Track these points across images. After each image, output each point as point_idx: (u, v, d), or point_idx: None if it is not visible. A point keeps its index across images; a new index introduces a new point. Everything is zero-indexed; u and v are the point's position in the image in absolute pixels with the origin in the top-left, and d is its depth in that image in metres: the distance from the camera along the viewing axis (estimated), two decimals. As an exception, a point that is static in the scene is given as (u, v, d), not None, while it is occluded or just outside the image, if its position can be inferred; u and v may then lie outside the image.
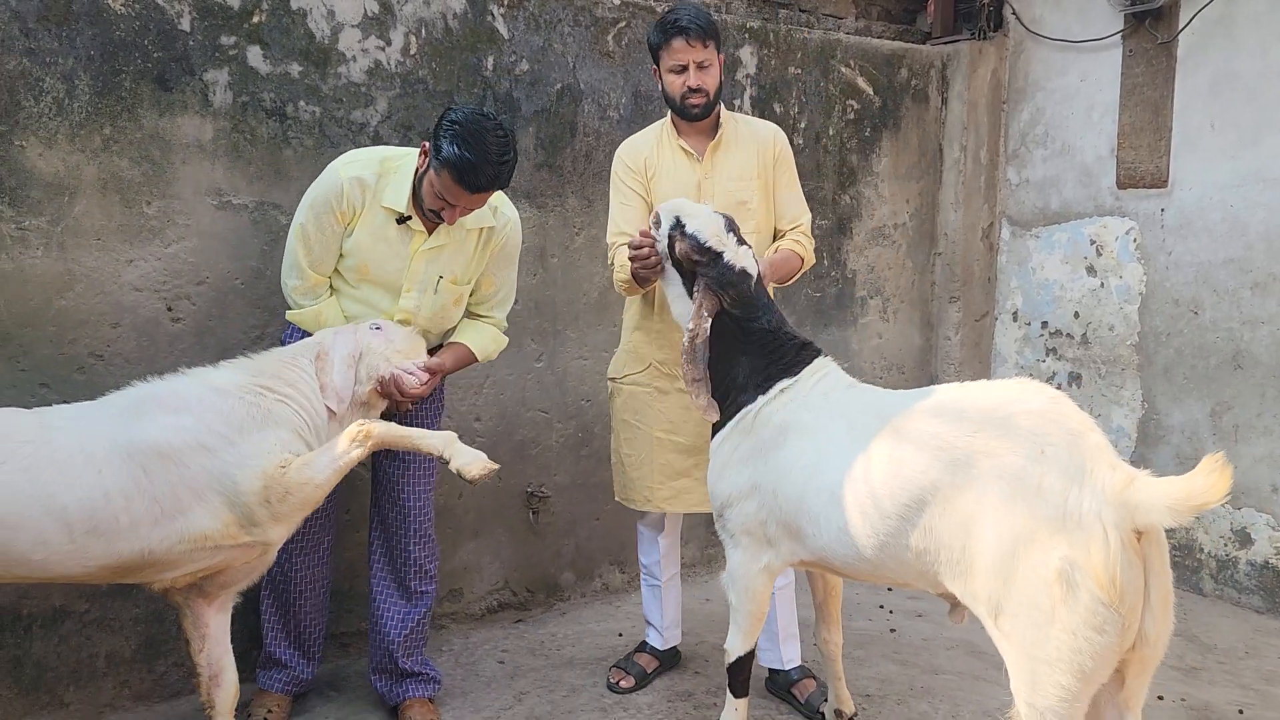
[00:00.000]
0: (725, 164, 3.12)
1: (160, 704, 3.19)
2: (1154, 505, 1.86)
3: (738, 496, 2.57)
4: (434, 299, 2.90)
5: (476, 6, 3.61)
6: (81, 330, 3.02)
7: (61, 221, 2.97)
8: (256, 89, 3.22)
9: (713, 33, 2.99)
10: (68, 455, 2.21)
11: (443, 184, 2.65)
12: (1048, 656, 1.99)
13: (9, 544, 2.16)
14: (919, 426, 2.21)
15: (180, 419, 2.33)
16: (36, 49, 2.89)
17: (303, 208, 2.84)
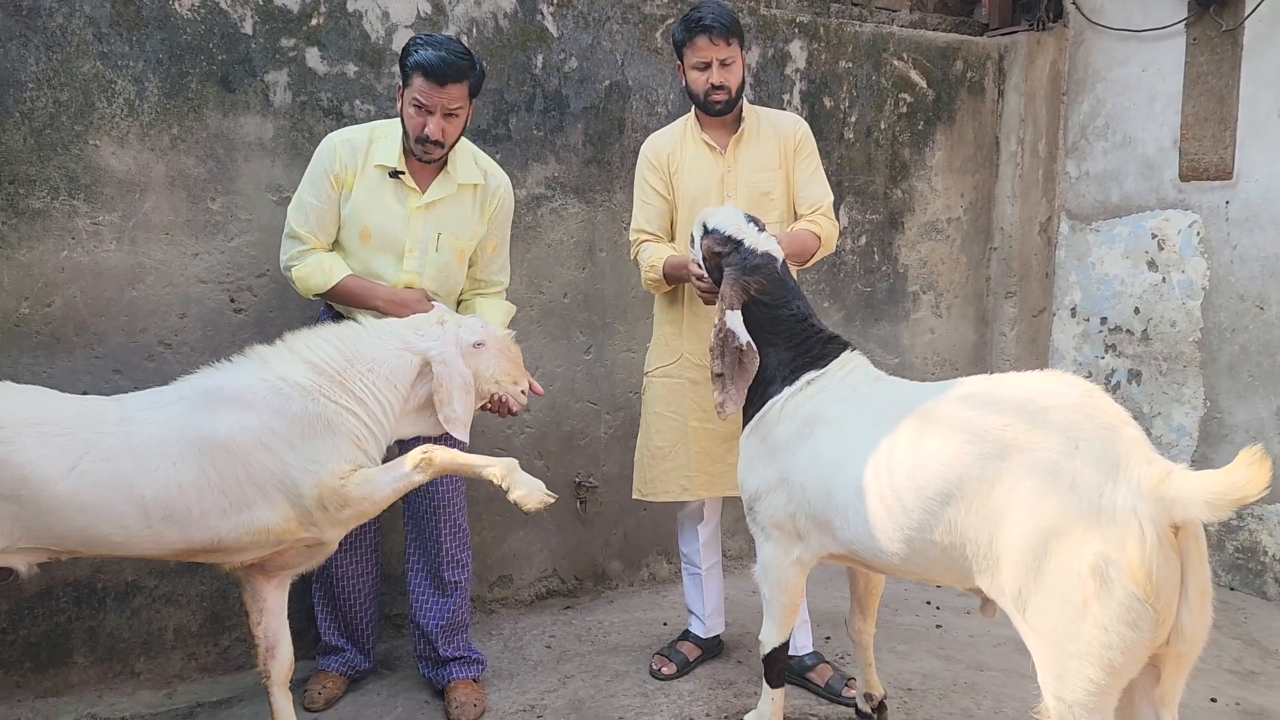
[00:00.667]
0: (747, 157, 3.18)
1: (224, 676, 3.35)
2: (1192, 500, 1.84)
3: (766, 489, 2.58)
4: (436, 257, 2.95)
5: (526, 6, 3.70)
6: (151, 320, 3.18)
7: (133, 217, 3.14)
8: (314, 89, 3.35)
9: (736, 30, 3.07)
10: (145, 447, 2.32)
11: (416, 90, 2.77)
12: (1078, 650, 1.97)
13: (92, 528, 2.31)
14: (947, 420, 2.20)
15: (245, 417, 2.39)
16: (109, 53, 3.06)
17: (298, 191, 2.93)
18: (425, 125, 2.80)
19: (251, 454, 2.38)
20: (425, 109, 2.80)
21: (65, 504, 2.24)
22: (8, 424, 2.22)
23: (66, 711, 3.09)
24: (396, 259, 2.93)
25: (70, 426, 2.27)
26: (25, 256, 3.01)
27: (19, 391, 2.37)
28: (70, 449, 2.24)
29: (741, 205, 3.09)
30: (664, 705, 3.18)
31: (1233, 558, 4.25)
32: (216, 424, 2.37)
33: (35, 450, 2.21)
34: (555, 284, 3.87)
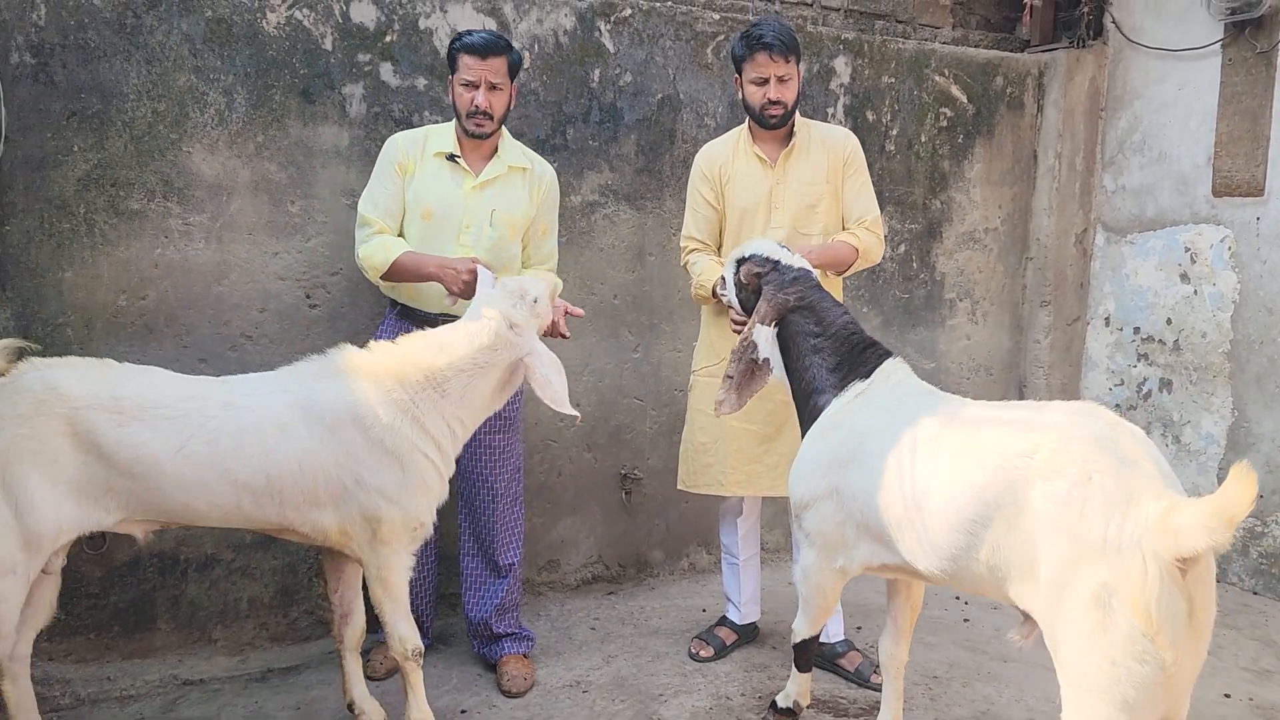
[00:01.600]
0: (797, 170, 3.31)
1: (293, 646, 3.60)
2: (1192, 527, 1.82)
3: (815, 499, 2.60)
4: (490, 233, 3.19)
5: (585, 23, 3.92)
6: (234, 313, 3.45)
7: (220, 218, 3.40)
8: (387, 100, 3.60)
9: (794, 48, 3.20)
10: (243, 433, 2.55)
11: (462, 70, 3.10)
12: (1090, 685, 1.99)
13: (191, 504, 2.57)
14: (984, 444, 2.25)
15: (332, 434, 2.61)
16: (203, 67, 3.32)
17: (370, 181, 3.21)
18: (474, 98, 3.10)
19: (329, 467, 2.60)
20: (472, 84, 3.10)
21: (171, 481, 2.50)
22: (127, 408, 2.47)
23: (151, 672, 3.36)
24: (455, 235, 3.18)
25: (180, 410, 2.51)
26: (124, 254, 3.28)
27: (137, 374, 2.60)
28: (178, 432, 2.49)
29: (788, 218, 3.30)
30: (701, 684, 3.38)
31: (1256, 562, 4.37)
32: (306, 432, 2.59)
33: (148, 433, 2.47)
34: (606, 286, 4.09)
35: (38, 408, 2.43)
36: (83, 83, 3.18)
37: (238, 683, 3.34)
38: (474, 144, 3.21)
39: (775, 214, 3.32)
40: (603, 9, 3.94)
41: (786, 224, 3.31)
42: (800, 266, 2.84)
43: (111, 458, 2.45)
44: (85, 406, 2.45)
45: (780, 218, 3.32)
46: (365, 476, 2.62)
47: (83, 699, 3.17)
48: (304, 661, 3.49)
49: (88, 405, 2.45)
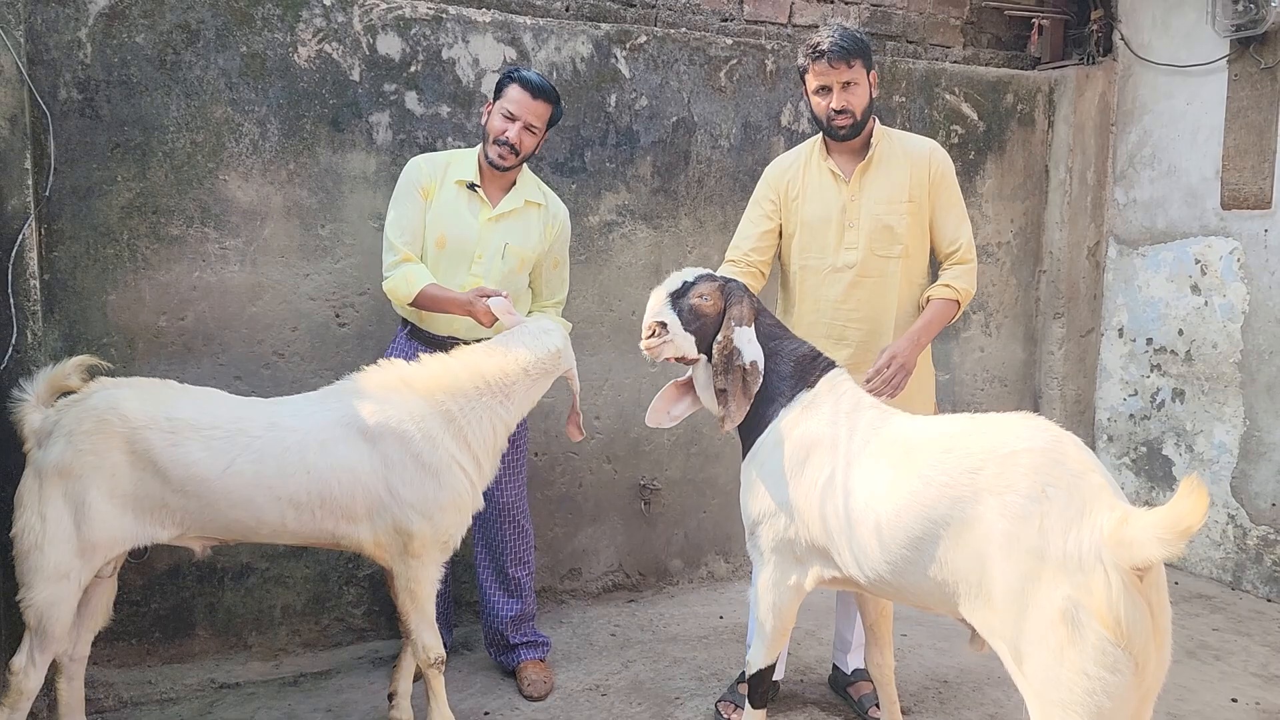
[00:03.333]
0: (874, 186, 3.07)
1: (324, 652, 3.75)
2: (1146, 539, 1.86)
3: (768, 514, 2.59)
4: (501, 264, 3.28)
5: (602, 50, 4.06)
6: (268, 333, 3.61)
7: (254, 242, 3.57)
8: (412, 128, 3.76)
9: (858, 51, 2.96)
10: (287, 453, 2.70)
11: (509, 98, 3.18)
12: (1061, 699, 1.99)
13: (241, 519, 2.72)
14: (927, 460, 2.25)
15: (370, 447, 2.75)
16: (238, 99, 3.50)
17: (389, 208, 3.26)
18: (507, 130, 3.18)
19: (368, 483, 2.75)
20: (512, 117, 3.18)
21: (221, 498, 2.66)
22: (180, 428, 2.64)
23: (190, 676, 3.51)
24: (466, 264, 3.26)
25: (229, 430, 2.68)
26: (164, 277, 3.46)
27: (193, 395, 2.78)
28: (226, 450, 2.65)
29: (863, 238, 3.06)
30: (716, 689, 3.49)
31: (1270, 570, 4.41)
32: (345, 450, 2.73)
33: (200, 451, 2.63)
34: (624, 303, 4.22)
35: (99, 425, 2.59)
36: (126, 116, 3.36)
37: (272, 686, 3.48)
38: (494, 174, 3.29)
39: (849, 233, 3.08)
40: (619, 36, 4.09)
41: (861, 245, 3.06)
42: (739, 282, 2.78)
43: (166, 475, 2.62)
44: (142, 426, 2.61)
45: (854, 238, 3.07)
46: (400, 490, 2.76)
47: (125, 701, 3.33)
48: (335, 667, 3.63)
49: (144, 425, 2.61)
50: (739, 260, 3.20)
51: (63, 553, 2.56)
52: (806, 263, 3.16)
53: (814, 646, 3.85)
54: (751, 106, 4.36)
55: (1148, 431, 4.96)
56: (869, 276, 3.08)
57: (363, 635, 3.85)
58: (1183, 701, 3.44)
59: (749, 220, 3.25)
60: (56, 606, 2.58)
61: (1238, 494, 4.54)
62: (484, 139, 3.26)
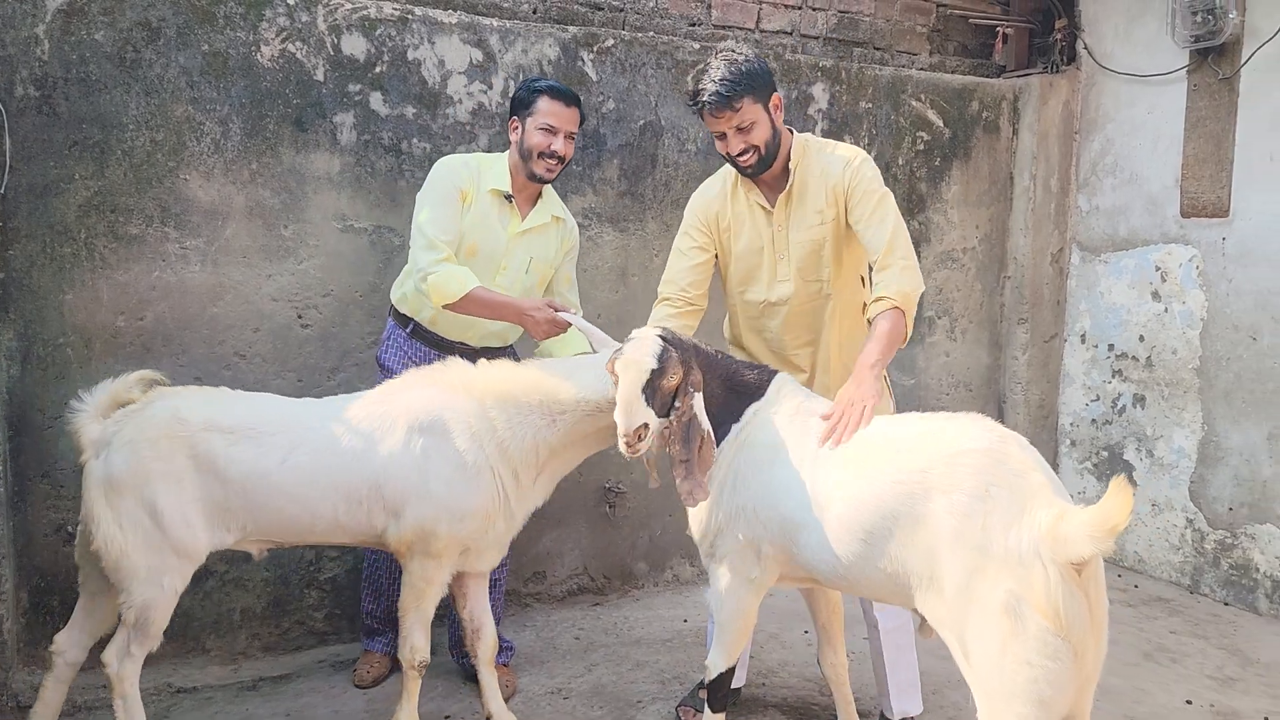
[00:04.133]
0: (798, 214, 2.98)
1: (284, 655, 3.71)
2: (1077, 537, 1.96)
3: (728, 521, 2.60)
4: (524, 278, 3.30)
5: (569, 53, 4.06)
6: (229, 333, 3.58)
7: (215, 242, 3.54)
8: (377, 129, 3.74)
9: (742, 89, 2.78)
10: (339, 443, 2.75)
11: (543, 111, 3.18)
12: (1004, 689, 2.07)
13: (298, 516, 2.76)
14: (881, 456, 2.34)
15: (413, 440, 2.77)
16: (199, 98, 3.47)
17: (421, 206, 3.13)
18: (552, 143, 3.19)
19: (408, 471, 2.77)
20: (552, 129, 3.19)
21: (279, 495, 2.71)
22: (237, 428, 2.71)
23: (145, 681, 3.39)
24: (490, 276, 3.24)
25: (283, 426, 2.74)
26: (123, 277, 3.42)
27: (246, 399, 2.86)
28: (281, 446, 2.71)
29: (793, 268, 2.98)
30: (678, 692, 3.49)
31: (1227, 574, 4.47)
32: (391, 439, 2.78)
33: (256, 449, 2.69)
34: (591, 305, 4.21)
35: (164, 432, 2.66)
36: (84, 114, 3.32)
37: (230, 691, 3.45)
38: (524, 185, 3.27)
39: (780, 266, 3.01)
40: (586, 39, 4.09)
41: (792, 275, 2.99)
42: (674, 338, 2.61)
43: (225, 476, 2.68)
44: (202, 429, 2.68)
45: (786, 269, 3.00)
46: (433, 485, 2.78)
47: (79, 705, 3.28)
48: (294, 671, 3.60)
49: (204, 428, 2.68)
50: (674, 298, 3.07)
51: (153, 556, 2.64)
52: (745, 296, 3.10)
53: (776, 650, 3.86)
54: (718, 111, 4.37)
55: (1109, 436, 5.01)
56: (806, 304, 3.03)
57: (324, 639, 3.82)
58: (1139, 704, 3.48)
59: (679, 253, 3.11)
60: (154, 607, 2.69)
61: (1196, 498, 4.60)
62: (524, 156, 3.22)
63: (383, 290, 3.76)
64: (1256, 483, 4.35)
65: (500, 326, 3.33)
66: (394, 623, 3.54)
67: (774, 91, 2.89)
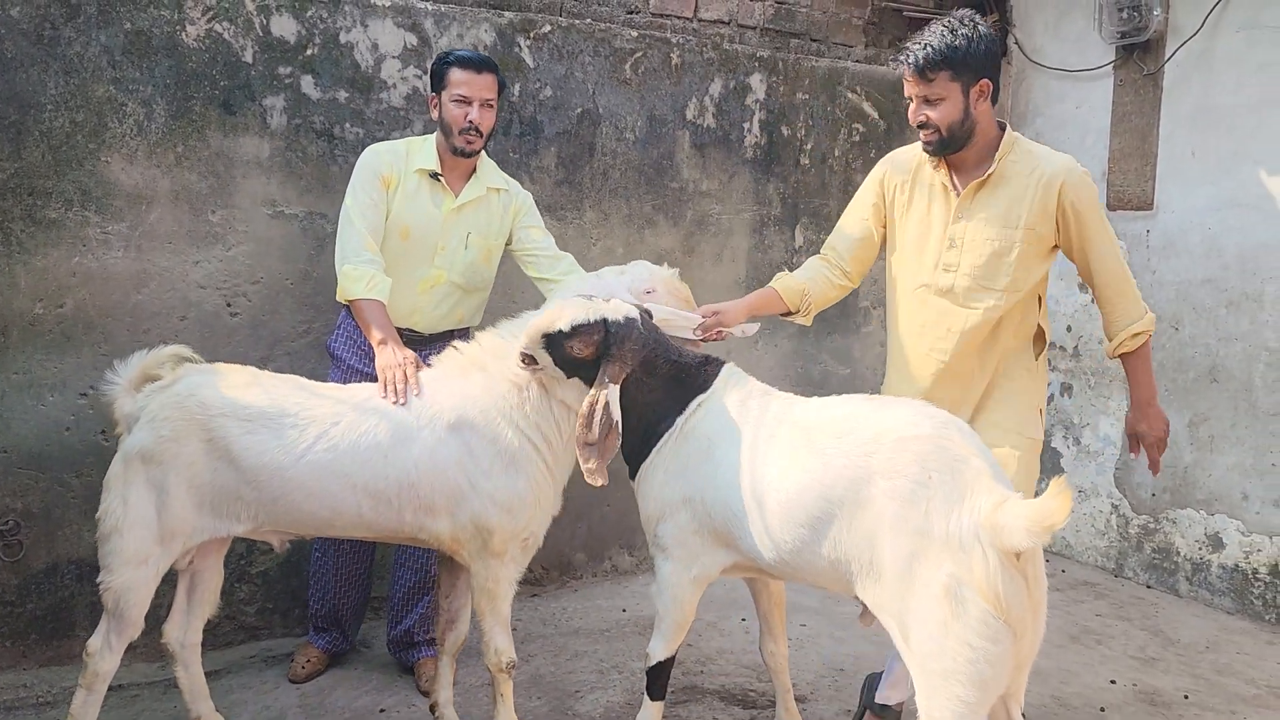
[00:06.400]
0: (989, 206, 2.69)
1: (214, 651, 3.59)
2: (1015, 527, 2.00)
3: (670, 510, 2.61)
4: (465, 254, 3.25)
5: (505, 38, 4.02)
6: (154, 321, 3.48)
7: (139, 227, 3.43)
8: (308, 113, 3.66)
9: (940, 63, 2.59)
10: (364, 438, 2.63)
11: (454, 83, 3.12)
12: (944, 669, 2.09)
13: (315, 511, 2.65)
14: (824, 441, 2.35)
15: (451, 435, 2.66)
16: (121, 78, 3.36)
17: (349, 195, 3.13)
18: (468, 114, 3.12)
19: (450, 472, 2.66)
20: (466, 100, 3.12)
21: (295, 488, 2.60)
22: (255, 415, 2.61)
23: (69, 679, 3.34)
24: (430, 256, 3.21)
25: (304, 418, 2.62)
26: (40, 262, 3.30)
27: (271, 382, 2.72)
28: (300, 438, 2.59)
29: (967, 262, 2.71)
30: (617, 681, 3.49)
31: (1150, 558, 4.61)
32: (425, 435, 2.66)
33: (273, 440, 2.58)
34: (528, 294, 4.17)
35: (180, 412, 2.59)
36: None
37: (157, 688, 3.36)
38: (455, 162, 3.22)
39: (949, 253, 2.75)
40: (522, 25, 4.05)
41: (964, 267, 2.72)
42: (625, 317, 2.63)
43: (239, 463, 2.59)
44: (219, 414, 2.59)
45: (954, 258, 2.74)
46: (480, 481, 2.67)
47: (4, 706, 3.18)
48: (224, 666, 3.52)
49: (221, 412, 2.59)
50: (833, 262, 3.01)
51: (142, 538, 2.58)
52: (901, 278, 2.89)
53: (715, 638, 3.88)
54: (657, 100, 4.37)
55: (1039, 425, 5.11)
56: (966, 306, 2.74)
57: (255, 634, 3.74)
58: (1066, 684, 3.57)
59: (851, 218, 2.99)
60: (133, 591, 2.61)
61: (1120, 485, 4.72)
62: (445, 132, 3.18)
63: (315, 278, 3.69)
64: (1178, 469, 4.48)
65: (449, 309, 3.29)
66: (340, 623, 3.51)
67: (984, 77, 2.63)
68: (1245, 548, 4.27)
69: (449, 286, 3.27)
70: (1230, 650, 3.94)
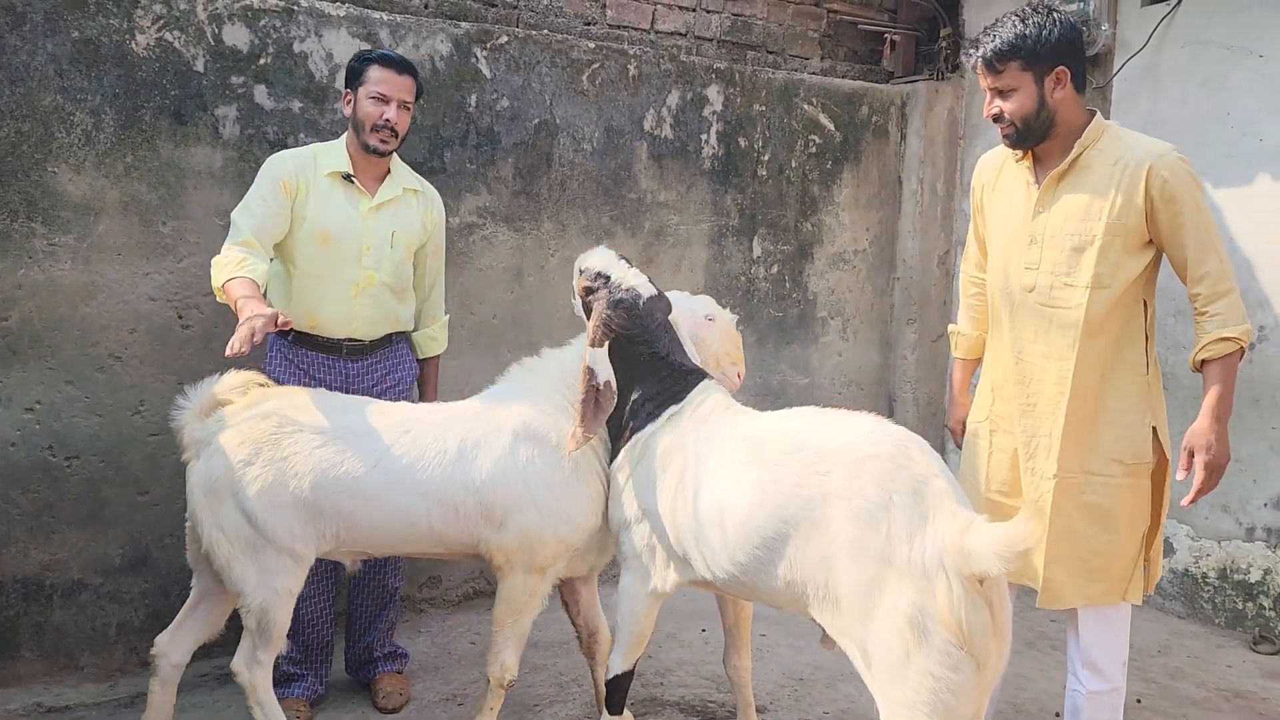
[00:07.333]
0: (1069, 198, 2.55)
1: (163, 670, 3.56)
2: (985, 553, 1.92)
3: (631, 521, 2.62)
4: (391, 254, 3.17)
5: (462, 49, 4.01)
6: (103, 334, 3.42)
7: (87, 238, 3.37)
8: (261, 123, 3.62)
9: (1009, 54, 2.50)
10: (432, 450, 2.69)
11: (373, 80, 3.07)
12: (906, 699, 2.03)
13: (388, 524, 2.70)
14: (779, 460, 2.28)
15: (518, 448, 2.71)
16: (69, 87, 3.30)
17: (247, 196, 3.04)
18: (384, 113, 3.06)
19: (513, 482, 2.70)
20: (384, 98, 3.07)
21: (370, 501, 2.64)
22: (329, 431, 2.67)
23: (13, 701, 3.28)
24: (356, 258, 3.13)
25: (375, 430, 2.68)
26: (-15, 274, 3.24)
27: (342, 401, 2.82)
28: (373, 450, 2.65)
29: (1048, 258, 2.58)
30: (576, 694, 3.47)
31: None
32: (491, 448, 2.71)
33: (347, 452, 2.64)
34: (485, 306, 4.17)
35: (258, 435, 2.65)
36: (-60, 101, 3.13)
37: (105, 709, 3.29)
38: (367, 164, 3.16)
39: (1032, 249, 2.60)
40: (479, 36, 4.04)
41: (1045, 265, 2.57)
42: (629, 286, 2.71)
43: (316, 481, 2.64)
44: (293, 432, 2.66)
45: (1036, 256, 2.59)
46: (541, 493, 2.70)
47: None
48: (176, 685, 3.45)
49: (296, 430, 2.67)
50: (969, 282, 2.98)
51: (259, 559, 2.64)
52: (990, 279, 2.77)
53: (674, 649, 3.87)
54: (614, 111, 4.37)
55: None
56: (1051, 306, 2.57)
57: (207, 652, 3.62)
58: (1021, 690, 3.60)
59: (970, 233, 2.92)
60: (273, 610, 2.68)
61: (1074, 491, 4.78)
62: (357, 129, 3.12)
63: (268, 290, 3.64)
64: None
65: (384, 312, 3.22)
66: (312, 661, 3.35)
67: (1060, 64, 2.50)
68: (1195, 552, 4.34)
69: (381, 288, 3.18)
70: (1181, 654, 4.00)
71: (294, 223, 3.08)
